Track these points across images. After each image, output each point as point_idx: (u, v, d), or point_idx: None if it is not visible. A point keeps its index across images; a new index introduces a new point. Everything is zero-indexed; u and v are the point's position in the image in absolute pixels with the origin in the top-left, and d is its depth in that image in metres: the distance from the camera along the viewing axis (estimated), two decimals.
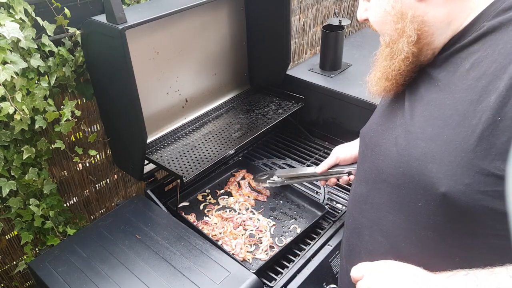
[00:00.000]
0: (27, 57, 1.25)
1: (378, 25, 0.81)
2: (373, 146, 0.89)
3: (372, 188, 0.89)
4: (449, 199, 0.70)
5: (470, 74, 0.70)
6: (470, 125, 0.67)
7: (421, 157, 0.73)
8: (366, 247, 0.92)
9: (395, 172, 0.80)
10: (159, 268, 1.16)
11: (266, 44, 1.82)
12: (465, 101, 0.69)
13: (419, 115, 0.77)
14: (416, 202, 0.76)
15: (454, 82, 0.72)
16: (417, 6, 0.73)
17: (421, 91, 0.79)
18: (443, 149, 0.70)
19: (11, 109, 1.18)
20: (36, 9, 1.25)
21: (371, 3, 0.81)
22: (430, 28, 0.75)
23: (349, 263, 1.00)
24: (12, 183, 1.31)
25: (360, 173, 0.96)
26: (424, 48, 0.77)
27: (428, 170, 0.72)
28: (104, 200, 1.79)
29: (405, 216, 0.80)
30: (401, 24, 0.75)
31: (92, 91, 1.45)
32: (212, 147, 1.57)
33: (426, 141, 0.73)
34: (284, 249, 1.31)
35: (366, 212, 0.91)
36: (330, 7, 2.85)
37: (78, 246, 1.24)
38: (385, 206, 0.85)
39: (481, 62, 0.69)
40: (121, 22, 1.13)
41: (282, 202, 1.55)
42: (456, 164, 0.68)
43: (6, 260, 1.54)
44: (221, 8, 1.70)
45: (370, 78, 0.88)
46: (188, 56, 1.64)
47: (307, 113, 1.84)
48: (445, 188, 0.69)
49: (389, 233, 0.85)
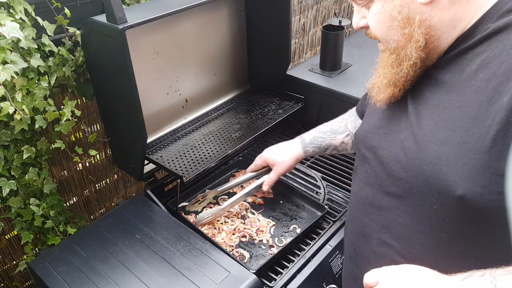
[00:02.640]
0: (27, 57, 1.25)
1: (382, 32, 0.80)
2: (375, 149, 0.88)
3: (379, 191, 0.87)
4: (466, 201, 0.69)
5: (478, 75, 0.69)
6: (483, 126, 0.67)
7: (434, 160, 0.73)
8: (375, 250, 0.91)
9: (405, 175, 0.79)
10: (159, 268, 1.16)
11: (266, 44, 1.82)
12: (476, 103, 0.68)
13: (427, 118, 0.76)
14: (430, 205, 0.76)
15: (462, 84, 0.72)
16: (424, 10, 0.73)
17: (425, 94, 0.78)
18: (457, 152, 0.70)
19: (11, 109, 1.18)
20: (36, 9, 1.26)
21: (371, 10, 0.80)
22: (437, 32, 0.74)
23: (356, 266, 0.99)
24: (12, 182, 1.31)
25: (362, 176, 0.94)
26: (431, 52, 0.77)
27: (443, 173, 0.71)
28: (104, 200, 1.79)
29: (418, 219, 0.79)
30: (408, 29, 0.74)
31: (92, 91, 1.45)
32: (212, 147, 1.57)
33: (438, 144, 0.73)
34: (284, 249, 1.31)
35: (373, 215, 0.90)
36: (330, 7, 2.85)
37: (78, 246, 1.24)
38: (394, 209, 0.84)
39: (488, 63, 0.68)
40: (121, 22, 1.13)
41: (282, 202, 1.55)
42: (471, 166, 0.68)
43: (6, 260, 1.54)
44: (221, 8, 1.70)
45: (374, 85, 0.87)
46: (188, 56, 1.64)
47: (307, 113, 1.84)
48: (462, 191, 0.69)
49: (400, 236, 0.84)
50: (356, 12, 0.84)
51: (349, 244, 1.04)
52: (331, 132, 1.30)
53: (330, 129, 1.31)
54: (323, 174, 1.65)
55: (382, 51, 0.84)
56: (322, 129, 1.33)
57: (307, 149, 1.34)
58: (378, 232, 0.89)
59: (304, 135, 1.37)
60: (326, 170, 1.67)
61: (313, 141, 1.33)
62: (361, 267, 0.97)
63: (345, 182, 1.60)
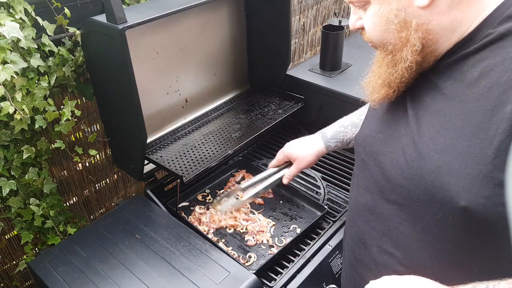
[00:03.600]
0: (27, 57, 1.25)
1: (378, 34, 0.78)
2: (375, 154, 0.86)
3: (379, 198, 0.86)
4: (469, 212, 0.68)
5: (479, 82, 0.68)
6: (486, 136, 0.65)
7: (436, 169, 0.71)
8: (375, 258, 0.89)
9: (406, 184, 0.77)
10: (159, 268, 1.16)
11: (266, 44, 1.82)
12: (478, 112, 0.67)
13: (428, 125, 0.74)
14: (432, 214, 0.74)
15: (463, 91, 0.70)
16: (421, 14, 0.71)
17: (425, 100, 0.77)
18: (460, 161, 0.68)
19: (11, 108, 1.18)
20: (36, 9, 1.25)
21: (368, 12, 0.78)
22: (435, 36, 0.73)
23: (356, 273, 0.98)
24: (12, 182, 1.31)
25: (361, 181, 0.93)
26: (427, 56, 0.76)
27: (445, 184, 0.70)
28: (104, 200, 1.79)
29: (420, 228, 0.78)
30: (405, 33, 0.73)
31: (92, 91, 1.45)
32: (212, 147, 1.57)
33: (440, 153, 0.71)
34: (284, 249, 1.31)
35: (373, 223, 0.89)
36: (330, 7, 2.85)
37: (78, 246, 1.24)
38: (395, 217, 0.82)
39: (491, 70, 0.67)
40: (121, 22, 1.13)
41: (282, 202, 1.55)
42: (474, 177, 0.66)
43: (6, 259, 1.54)
44: (221, 8, 1.70)
45: (368, 84, 0.86)
46: (188, 56, 1.64)
47: (307, 113, 1.84)
48: (465, 202, 0.67)
49: (401, 244, 0.83)
50: (353, 12, 0.83)
51: (348, 251, 1.02)
52: (352, 126, 1.28)
53: (351, 122, 1.28)
54: (323, 174, 1.65)
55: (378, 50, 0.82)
56: (343, 123, 1.30)
57: (329, 144, 1.31)
58: (378, 240, 0.88)
59: (325, 129, 1.34)
60: (326, 170, 1.67)
61: (335, 136, 1.30)
62: (361, 275, 0.95)
63: (345, 182, 1.60)
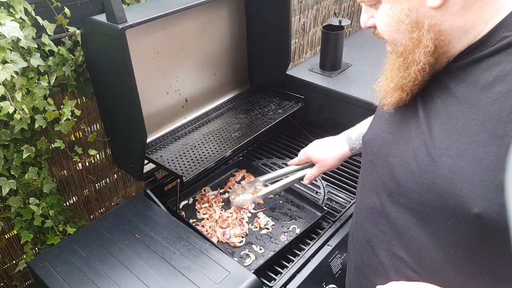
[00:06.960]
0: (27, 56, 1.25)
1: (389, 34, 0.77)
2: (384, 156, 0.85)
3: (388, 201, 0.84)
4: (483, 219, 0.67)
5: (495, 87, 0.66)
6: (502, 144, 0.64)
7: (449, 175, 0.69)
8: (383, 262, 0.88)
9: (417, 188, 0.75)
10: (158, 267, 1.16)
11: (266, 44, 1.82)
12: (493, 117, 0.65)
13: (440, 129, 0.73)
14: (444, 220, 0.73)
15: (477, 95, 0.69)
16: (433, 15, 0.69)
17: (437, 102, 0.75)
18: (473, 167, 0.67)
19: (11, 108, 1.18)
20: (36, 9, 1.26)
21: (379, 11, 0.76)
22: (447, 37, 0.71)
23: (363, 277, 0.97)
24: (12, 182, 1.31)
25: (368, 183, 0.91)
26: (440, 57, 0.74)
27: (458, 190, 0.68)
28: (103, 199, 1.79)
29: (430, 233, 0.76)
30: (417, 33, 0.71)
31: (92, 91, 1.45)
32: (212, 147, 1.57)
33: (453, 158, 0.69)
34: (283, 249, 1.31)
35: (382, 225, 0.87)
36: (330, 7, 2.85)
37: (77, 245, 1.24)
38: (405, 221, 0.81)
39: (506, 75, 0.65)
40: (121, 22, 1.13)
41: (282, 202, 1.55)
42: (488, 183, 0.65)
43: (5, 259, 1.54)
44: (221, 8, 1.70)
45: (380, 88, 0.84)
46: (188, 56, 1.64)
47: (307, 113, 1.84)
48: (479, 209, 0.66)
49: (410, 248, 0.81)
50: (365, 11, 0.81)
51: (355, 253, 1.00)
52: None
53: None
54: (323, 174, 1.65)
55: (390, 52, 0.81)
56: (368, 124, 1.30)
57: (354, 147, 1.29)
58: (387, 243, 0.86)
59: (349, 131, 1.31)
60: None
61: (359, 138, 1.25)
62: (368, 278, 0.93)
63: (345, 182, 1.60)
